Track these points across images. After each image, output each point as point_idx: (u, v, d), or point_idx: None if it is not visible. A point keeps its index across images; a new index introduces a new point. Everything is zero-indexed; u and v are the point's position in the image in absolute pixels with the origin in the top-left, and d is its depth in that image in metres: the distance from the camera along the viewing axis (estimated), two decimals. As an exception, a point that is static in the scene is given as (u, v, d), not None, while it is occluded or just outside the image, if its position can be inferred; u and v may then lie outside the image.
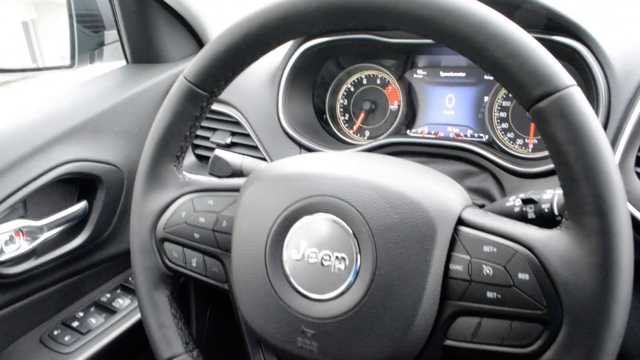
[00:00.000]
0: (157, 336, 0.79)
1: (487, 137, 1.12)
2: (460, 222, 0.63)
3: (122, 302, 1.14)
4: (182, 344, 0.79)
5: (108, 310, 1.13)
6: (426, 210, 0.62)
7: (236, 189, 0.77)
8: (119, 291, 1.18)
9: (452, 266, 0.61)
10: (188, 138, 0.80)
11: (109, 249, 1.17)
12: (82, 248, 1.10)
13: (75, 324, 1.09)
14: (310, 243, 0.65)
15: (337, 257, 0.64)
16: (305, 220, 0.67)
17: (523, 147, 1.09)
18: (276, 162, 0.76)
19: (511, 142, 1.10)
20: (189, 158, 1.29)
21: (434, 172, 0.71)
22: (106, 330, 1.08)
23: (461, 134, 1.14)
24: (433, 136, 1.16)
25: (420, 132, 1.18)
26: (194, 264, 0.78)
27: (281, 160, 0.75)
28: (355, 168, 0.68)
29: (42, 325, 1.10)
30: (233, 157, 0.96)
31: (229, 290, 0.76)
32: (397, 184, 0.64)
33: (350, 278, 0.63)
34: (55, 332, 1.08)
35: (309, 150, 1.13)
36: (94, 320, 1.10)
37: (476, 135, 1.13)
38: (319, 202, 0.66)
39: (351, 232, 0.64)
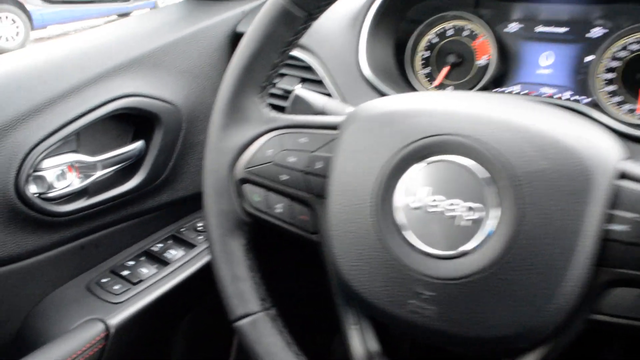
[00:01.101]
0: (230, 290, 0.69)
1: (589, 99, 1.00)
2: (623, 175, 0.52)
3: (175, 254, 1.05)
4: (258, 300, 0.69)
5: (160, 261, 1.04)
6: (581, 157, 0.51)
7: (333, 127, 0.67)
8: (170, 241, 1.09)
9: (612, 226, 0.50)
10: (277, 67, 0.69)
11: (162, 195, 1.08)
12: (136, 191, 1.01)
13: (125, 272, 1.00)
14: (435, 189, 0.55)
15: (469, 208, 0.53)
16: (426, 162, 0.56)
17: (630, 113, 0.97)
18: (384, 98, 0.65)
19: (617, 106, 0.98)
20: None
21: (583, 118, 0.59)
22: (158, 282, 0.99)
23: (558, 95, 1.02)
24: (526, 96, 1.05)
25: (510, 91, 1.06)
26: (278, 210, 0.68)
27: (390, 97, 0.65)
28: (490, 106, 0.57)
29: (89, 272, 1.01)
30: (315, 98, 0.85)
31: (318, 243, 0.66)
32: (544, 126, 0.54)
33: (484, 232, 0.53)
34: (104, 280, 0.99)
35: (391, 100, 1.02)
36: (145, 271, 1.01)
37: (577, 97, 1.01)
38: (445, 142, 0.56)
39: (489, 178, 0.53)
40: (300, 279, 1.33)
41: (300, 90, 0.84)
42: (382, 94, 1.03)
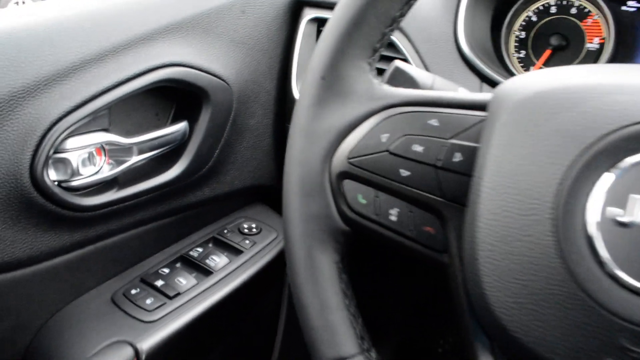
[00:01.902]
0: (316, 323, 0.51)
1: None
2: None
3: (218, 261, 0.86)
4: (355, 339, 0.51)
5: (200, 269, 0.86)
6: None
7: (478, 106, 0.48)
8: (211, 245, 0.91)
9: None
10: (395, 21, 0.51)
11: (205, 189, 0.89)
12: (175, 184, 0.82)
13: (158, 283, 0.82)
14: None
15: None
16: (637, 159, 0.38)
17: None
18: (546, 71, 0.47)
19: None
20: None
21: None
22: (199, 296, 0.80)
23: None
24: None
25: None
26: (392, 218, 0.49)
27: (555, 69, 0.46)
28: None
29: (115, 280, 0.83)
30: (420, 73, 0.65)
31: (446, 265, 0.47)
32: None
33: None
34: (133, 291, 0.80)
35: (492, 83, 0.83)
36: (183, 281, 0.82)
37: None
38: None
39: None
40: (410, 312, 1.18)
41: (401, 63, 0.65)
42: (482, 76, 0.84)
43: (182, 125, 0.82)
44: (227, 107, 0.87)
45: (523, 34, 0.98)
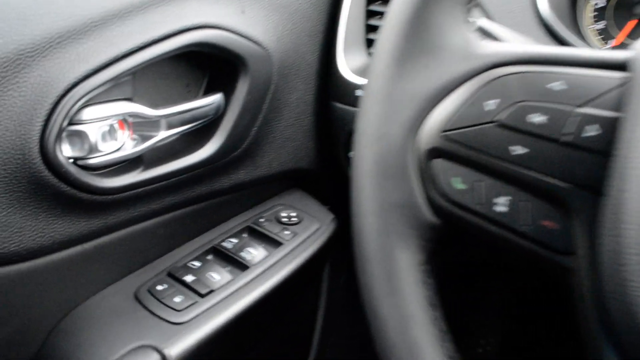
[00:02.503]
0: (396, 341, 0.39)
1: None
2: None
3: (255, 254, 0.75)
4: (445, 358, 0.39)
5: (235, 262, 0.75)
6: None
7: (616, 65, 0.36)
8: (246, 236, 0.80)
9: None
10: None
11: (240, 172, 0.78)
12: (208, 164, 0.71)
13: (188, 278, 0.71)
14: None
15: None
16: None
17: None
18: None
19: None
20: (360, 57, 0.88)
21: None
22: (235, 294, 0.69)
23: None
24: None
25: None
26: (499, 208, 0.38)
27: None
28: None
29: (138, 274, 0.73)
30: (507, 33, 0.53)
31: (573, 270, 0.35)
32: None
33: None
34: (159, 287, 0.70)
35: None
36: (216, 277, 0.72)
37: None
38: None
39: None
40: (508, 327, 1.08)
41: (485, 22, 0.53)
42: (562, 40, 0.72)
43: (217, 97, 0.71)
44: (267, 79, 0.76)
45: (602, 2, 0.85)
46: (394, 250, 0.41)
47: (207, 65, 0.74)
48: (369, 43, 0.88)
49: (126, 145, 0.65)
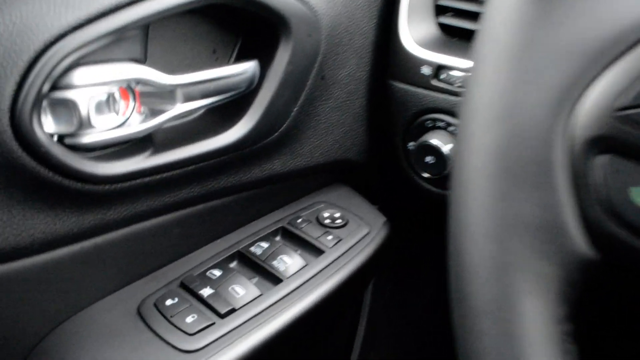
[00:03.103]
0: None
1: None
2: None
3: (290, 263, 0.60)
4: None
5: (264, 273, 0.60)
6: None
7: None
8: (279, 239, 0.65)
9: None
10: None
11: (275, 161, 0.64)
12: (234, 151, 0.56)
13: (205, 291, 0.56)
14: None
15: None
16: None
17: None
18: None
19: None
20: (428, 27, 0.72)
21: None
22: (264, 314, 0.55)
23: None
24: None
25: None
26: None
27: None
28: None
29: (144, 282, 0.58)
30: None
31: None
32: None
33: None
34: (169, 302, 0.55)
35: None
36: (240, 291, 0.57)
37: None
38: None
39: None
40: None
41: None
42: None
43: (250, 66, 0.56)
44: (313, 48, 0.61)
45: None
46: (519, 298, 0.25)
47: (240, 25, 0.60)
48: (440, 10, 0.72)
49: (131, 120, 0.50)
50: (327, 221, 0.70)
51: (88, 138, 0.48)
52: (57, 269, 0.53)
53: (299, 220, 0.69)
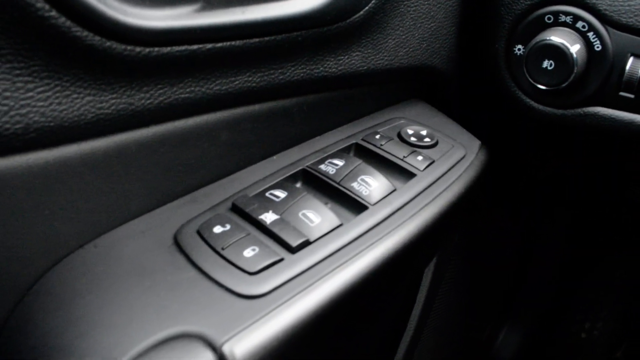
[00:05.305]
0: None
1: None
2: None
3: (374, 186, 0.46)
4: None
5: (342, 197, 0.45)
6: None
7: None
8: (353, 157, 0.48)
9: None
10: None
11: (354, 54, 0.49)
12: (308, 25, 0.40)
13: (267, 216, 0.42)
14: None
15: None
16: None
17: None
18: None
19: None
20: None
21: None
22: (348, 249, 0.39)
23: None
24: None
25: None
26: None
27: None
28: None
29: (182, 202, 0.43)
30: None
31: None
32: None
33: None
34: (218, 229, 0.41)
35: None
36: (314, 218, 0.43)
37: None
38: None
39: None
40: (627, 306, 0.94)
41: None
42: None
43: None
44: None
45: None
46: None
47: None
48: None
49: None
50: (412, 139, 0.54)
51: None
52: (62, 175, 0.37)
53: (378, 137, 0.53)
